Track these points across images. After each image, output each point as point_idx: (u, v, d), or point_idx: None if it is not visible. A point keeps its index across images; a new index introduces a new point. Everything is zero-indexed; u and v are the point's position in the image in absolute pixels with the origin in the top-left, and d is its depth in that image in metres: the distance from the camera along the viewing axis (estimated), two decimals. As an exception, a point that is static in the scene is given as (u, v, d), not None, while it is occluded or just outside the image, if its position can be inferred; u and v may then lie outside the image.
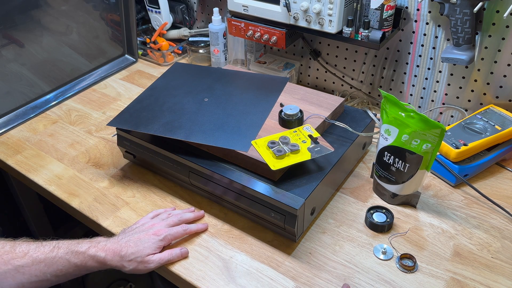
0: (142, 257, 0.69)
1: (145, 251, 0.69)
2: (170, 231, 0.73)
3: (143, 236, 0.71)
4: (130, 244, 0.69)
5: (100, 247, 0.68)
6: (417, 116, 0.73)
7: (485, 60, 0.93)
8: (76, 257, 0.66)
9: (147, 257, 0.70)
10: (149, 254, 0.70)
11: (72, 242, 0.68)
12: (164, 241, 0.72)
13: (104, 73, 1.28)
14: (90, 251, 0.67)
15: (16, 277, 0.63)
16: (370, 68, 1.10)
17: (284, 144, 0.77)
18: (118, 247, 0.69)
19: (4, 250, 0.63)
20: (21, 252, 0.64)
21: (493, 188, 0.87)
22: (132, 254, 0.69)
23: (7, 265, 0.62)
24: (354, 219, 0.81)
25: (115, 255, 0.68)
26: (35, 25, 1.10)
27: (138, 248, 0.69)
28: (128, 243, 0.69)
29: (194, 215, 0.80)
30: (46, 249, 0.66)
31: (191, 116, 0.85)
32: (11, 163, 0.97)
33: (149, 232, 0.72)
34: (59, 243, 0.67)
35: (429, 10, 0.94)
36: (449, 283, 0.69)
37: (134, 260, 0.69)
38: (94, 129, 1.07)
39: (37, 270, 0.64)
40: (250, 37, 1.09)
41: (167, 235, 0.73)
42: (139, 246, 0.69)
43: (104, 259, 0.67)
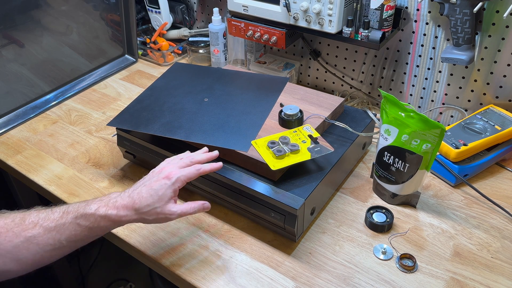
0: (160, 207, 0.64)
1: (161, 200, 0.64)
2: (182, 172, 0.67)
3: (154, 182, 0.66)
4: (143, 194, 0.64)
5: (111, 205, 0.63)
6: (417, 116, 0.73)
7: (485, 60, 0.93)
8: (87, 220, 0.62)
9: (167, 207, 0.65)
10: (166, 202, 0.65)
11: (81, 204, 0.64)
12: (177, 183, 0.66)
13: (104, 73, 1.28)
14: (100, 211, 0.63)
15: (30, 248, 0.61)
16: (370, 68, 1.10)
17: (284, 144, 0.77)
18: (130, 201, 0.64)
19: (14, 223, 0.62)
20: (31, 223, 0.61)
21: (493, 188, 0.87)
22: (147, 206, 0.64)
23: (19, 237, 0.60)
24: (354, 219, 0.81)
25: (129, 210, 0.63)
26: (35, 25, 1.10)
27: (152, 198, 0.64)
28: (140, 194, 0.64)
29: (206, 156, 0.73)
30: (56, 216, 0.62)
31: (191, 116, 0.85)
32: (11, 163, 0.97)
33: (159, 177, 0.66)
34: (68, 207, 0.64)
35: (429, 10, 0.94)
36: (449, 283, 0.69)
37: (152, 211, 0.64)
38: (94, 129, 1.07)
39: (50, 239, 0.61)
40: (250, 37, 1.09)
41: (180, 176, 0.66)
42: (152, 195, 0.64)
43: (117, 216, 0.63)
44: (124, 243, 0.78)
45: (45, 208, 0.65)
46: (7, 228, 0.61)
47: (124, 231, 0.79)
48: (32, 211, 0.64)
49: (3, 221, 0.62)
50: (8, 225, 0.61)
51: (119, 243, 0.80)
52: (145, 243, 0.77)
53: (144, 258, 0.77)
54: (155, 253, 0.75)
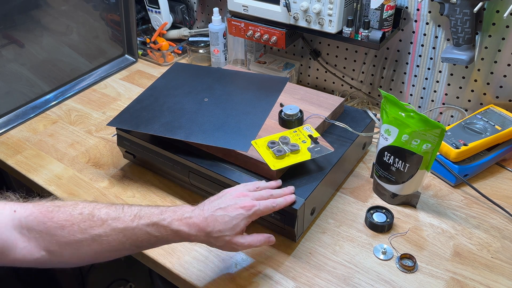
0: (230, 236, 0.63)
1: (233, 230, 0.63)
2: (259, 206, 0.66)
3: (230, 210, 0.64)
4: (217, 219, 0.63)
5: (185, 222, 0.62)
6: (417, 116, 0.73)
7: (485, 60, 0.93)
8: (158, 230, 0.61)
9: (236, 238, 0.64)
10: (237, 233, 0.64)
11: (155, 211, 0.62)
12: (253, 217, 0.65)
13: (104, 73, 1.28)
14: (173, 225, 0.61)
15: (93, 245, 0.59)
16: (370, 68, 1.10)
17: (284, 144, 0.77)
18: (203, 223, 0.62)
19: (82, 216, 0.59)
20: (99, 220, 0.59)
21: (493, 188, 0.87)
22: (219, 232, 0.63)
23: (84, 234, 0.58)
24: (354, 219, 0.81)
25: (200, 231, 0.62)
26: (35, 25, 1.10)
27: (226, 225, 0.63)
28: (214, 217, 0.63)
29: (283, 191, 0.71)
30: (127, 217, 0.61)
31: (191, 116, 0.85)
32: (11, 163, 0.97)
33: (237, 205, 0.65)
34: (141, 210, 0.62)
35: (429, 10, 0.94)
36: (449, 283, 0.69)
37: (221, 238, 0.63)
38: (94, 129, 1.07)
39: (115, 240, 0.60)
40: (250, 37, 1.09)
41: (257, 210, 0.65)
42: (227, 222, 0.63)
43: (188, 235, 0.62)
44: (124, 243, 0.78)
45: (116, 205, 0.63)
46: (73, 221, 0.59)
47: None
48: (102, 206, 0.62)
49: (69, 213, 0.60)
50: (75, 219, 0.59)
51: (119, 243, 0.80)
52: (145, 243, 0.77)
53: (144, 258, 0.77)
54: (155, 253, 0.75)
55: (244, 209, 0.64)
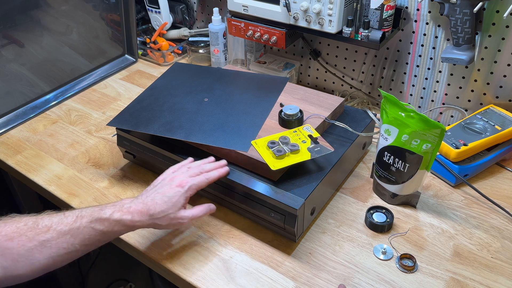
0: (174, 213, 0.68)
1: (175, 206, 0.68)
2: (193, 181, 0.71)
3: (167, 190, 0.69)
4: (157, 201, 0.67)
5: (125, 210, 0.65)
6: (417, 116, 0.73)
7: (485, 60, 0.93)
8: (101, 224, 0.64)
9: (179, 212, 0.68)
10: (179, 209, 0.68)
11: (95, 209, 0.65)
12: (189, 192, 0.70)
13: (104, 73, 1.28)
14: (115, 215, 0.65)
15: (44, 251, 0.61)
16: (370, 68, 1.10)
17: (284, 144, 0.77)
18: (144, 207, 0.66)
19: (27, 227, 0.62)
20: (45, 227, 0.62)
21: (493, 188, 0.87)
22: (162, 212, 0.67)
23: (32, 242, 0.60)
24: (354, 219, 0.81)
25: (143, 215, 0.66)
26: (35, 25, 1.10)
27: (166, 204, 0.67)
28: (154, 200, 0.67)
29: (214, 165, 0.76)
30: (69, 220, 0.63)
31: (191, 116, 0.85)
32: (11, 163, 0.97)
33: (172, 185, 0.70)
34: (82, 211, 0.65)
35: (429, 10, 0.94)
36: (449, 283, 0.69)
37: (166, 217, 0.67)
38: (94, 129, 1.07)
39: (64, 243, 0.62)
40: (250, 37, 1.09)
41: (192, 185, 0.70)
42: (167, 202, 0.67)
43: (131, 221, 0.65)
44: (124, 243, 0.78)
45: (57, 212, 0.65)
46: (20, 232, 0.61)
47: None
48: (44, 215, 0.65)
49: (15, 225, 0.62)
50: (21, 229, 0.61)
51: (119, 243, 0.80)
52: (145, 243, 0.77)
53: (144, 258, 0.77)
54: (155, 253, 0.75)
55: (180, 186, 0.69)
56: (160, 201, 0.67)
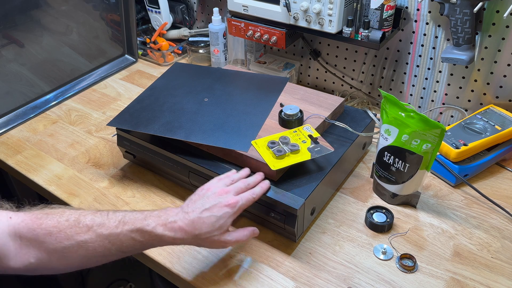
0: (218, 235, 0.64)
1: (221, 229, 0.64)
2: (241, 201, 0.67)
3: (216, 210, 0.64)
4: (204, 220, 0.63)
5: (169, 226, 0.62)
6: (417, 116, 0.73)
7: (485, 60, 0.93)
8: (142, 236, 0.61)
9: (224, 236, 0.65)
10: (225, 231, 0.65)
11: (139, 217, 0.63)
12: (237, 213, 0.66)
13: (104, 73, 1.28)
14: (157, 230, 0.61)
15: (79, 252, 0.60)
16: (370, 68, 1.10)
17: (284, 144, 0.77)
18: (189, 225, 0.63)
19: (68, 223, 0.60)
20: (85, 227, 0.60)
21: (493, 188, 0.87)
22: (207, 233, 0.63)
23: (70, 240, 0.59)
24: (354, 219, 0.81)
25: (187, 234, 0.63)
26: (35, 25, 1.10)
27: (213, 226, 0.63)
28: (201, 220, 0.63)
29: (257, 179, 0.73)
30: (111, 223, 0.61)
31: (191, 116, 0.85)
32: (11, 163, 0.97)
33: (221, 204, 0.65)
34: (125, 216, 0.62)
35: (429, 10, 0.94)
36: (449, 283, 0.69)
37: (210, 239, 0.64)
38: (94, 129, 1.07)
39: (100, 246, 0.60)
40: (250, 37, 1.09)
41: (241, 205, 0.66)
42: (214, 224, 0.63)
43: (173, 239, 0.62)
44: (124, 243, 0.78)
45: (101, 211, 0.64)
46: (60, 228, 0.60)
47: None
48: (88, 213, 0.63)
49: (56, 220, 0.61)
50: (62, 225, 0.60)
51: (119, 243, 0.80)
52: (145, 243, 0.77)
53: (144, 258, 0.77)
54: (155, 253, 0.75)
55: (229, 207, 0.65)
56: (207, 220, 0.63)
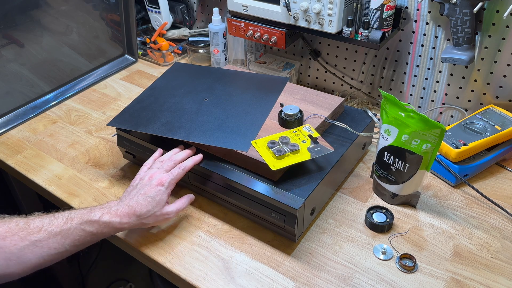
0: (159, 210, 0.71)
1: (159, 205, 0.71)
2: (171, 176, 0.74)
3: (148, 190, 0.72)
4: (141, 202, 0.70)
5: (113, 213, 0.68)
6: (417, 116, 0.73)
7: (485, 60, 0.93)
8: (91, 226, 0.67)
9: (164, 209, 0.72)
10: (163, 206, 0.72)
11: (84, 211, 0.68)
12: (170, 187, 0.74)
13: (104, 73, 1.28)
14: (104, 218, 0.67)
15: (35, 251, 0.63)
16: (370, 68, 1.10)
17: (284, 144, 0.77)
18: (131, 210, 0.69)
19: (18, 227, 0.64)
20: (36, 228, 0.64)
21: (493, 188, 0.87)
22: (148, 212, 0.70)
23: (24, 241, 0.63)
24: (354, 219, 0.81)
25: (131, 217, 0.69)
26: (35, 25, 1.10)
27: (151, 205, 0.70)
28: (138, 202, 0.70)
29: (185, 154, 0.79)
30: (60, 221, 0.66)
31: (191, 116, 0.85)
32: (11, 163, 0.97)
33: (152, 184, 0.72)
34: (72, 213, 0.67)
35: (429, 10, 0.94)
36: (449, 283, 0.69)
37: (152, 216, 0.71)
38: (94, 129, 1.07)
39: (54, 243, 0.64)
40: (250, 37, 1.09)
41: (171, 180, 0.73)
42: (150, 202, 0.70)
43: (120, 223, 0.68)
44: (124, 243, 0.78)
45: (46, 213, 0.68)
46: (12, 232, 0.63)
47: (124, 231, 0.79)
48: (34, 216, 0.67)
49: (6, 226, 0.64)
50: (13, 229, 0.64)
51: (119, 243, 0.80)
52: (145, 243, 0.77)
53: (144, 258, 0.77)
54: (155, 253, 0.75)
55: (160, 185, 0.72)
56: (144, 201, 0.70)
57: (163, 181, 0.73)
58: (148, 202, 0.70)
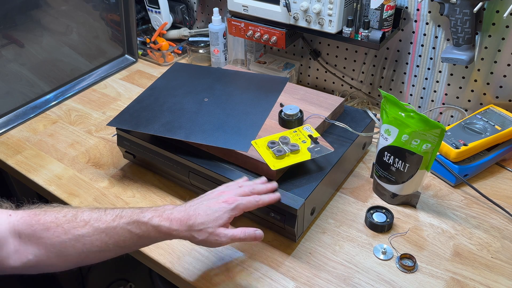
0: (213, 228, 0.63)
1: (216, 222, 0.63)
2: (242, 200, 0.66)
3: (212, 204, 0.65)
4: (199, 212, 0.63)
5: (165, 217, 0.62)
6: (417, 116, 0.73)
7: (485, 60, 0.93)
8: (138, 228, 0.61)
9: (219, 229, 0.63)
10: (220, 225, 0.63)
11: (136, 211, 0.63)
12: (235, 211, 0.65)
13: (104, 73, 1.28)
14: (153, 221, 0.61)
15: (77, 246, 0.60)
16: (370, 68, 1.10)
17: (284, 144, 0.77)
18: (185, 216, 0.63)
19: (65, 218, 0.61)
20: (82, 221, 0.61)
21: (493, 188, 0.87)
22: (201, 224, 0.62)
23: (67, 235, 0.60)
24: (354, 219, 0.81)
25: (182, 225, 0.62)
26: (35, 25, 1.10)
27: (208, 217, 0.63)
28: (196, 211, 0.63)
29: (266, 187, 0.71)
30: (108, 218, 0.62)
31: (191, 116, 0.85)
32: (11, 163, 0.97)
33: (219, 200, 0.65)
34: (123, 211, 0.63)
35: (429, 10, 0.94)
36: (449, 283, 0.69)
37: (204, 231, 0.62)
38: (94, 129, 1.07)
39: (98, 240, 0.60)
40: (250, 37, 1.09)
41: (239, 204, 0.65)
42: (209, 215, 0.63)
43: (168, 229, 0.62)
44: (124, 243, 0.78)
45: (99, 208, 0.64)
46: (58, 223, 0.60)
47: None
48: (86, 209, 0.63)
49: (54, 216, 0.61)
50: (59, 220, 0.61)
51: (119, 243, 0.80)
52: (145, 243, 0.77)
53: (144, 258, 0.77)
54: (155, 253, 0.75)
55: (226, 203, 0.65)
56: (202, 212, 0.63)
57: (230, 201, 0.65)
58: (206, 214, 0.63)
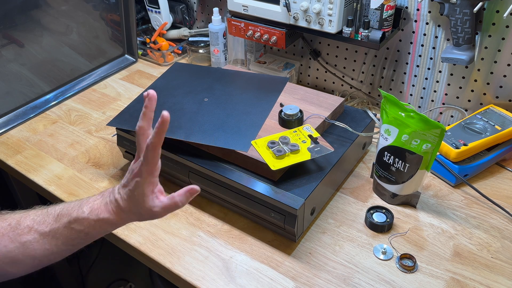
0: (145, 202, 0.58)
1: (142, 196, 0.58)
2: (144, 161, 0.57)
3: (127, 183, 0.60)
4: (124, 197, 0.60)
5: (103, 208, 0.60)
6: (417, 116, 0.73)
7: (485, 60, 0.93)
8: (81, 224, 0.59)
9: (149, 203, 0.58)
10: (148, 195, 0.58)
11: (74, 206, 0.60)
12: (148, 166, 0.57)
13: (104, 73, 1.28)
14: (92, 215, 0.59)
15: (26, 253, 0.59)
16: (370, 68, 1.10)
17: (284, 144, 0.77)
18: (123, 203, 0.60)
19: (10, 227, 0.59)
20: (26, 227, 0.59)
21: (493, 188, 0.87)
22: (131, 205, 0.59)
23: (14, 243, 0.58)
24: (354, 219, 0.81)
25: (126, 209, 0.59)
26: (35, 25, 1.10)
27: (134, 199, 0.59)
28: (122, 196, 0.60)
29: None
30: (50, 219, 0.59)
31: (191, 116, 0.85)
32: (11, 163, 0.97)
33: (129, 177, 0.60)
34: (63, 209, 0.60)
35: (429, 10, 0.94)
36: (449, 283, 0.69)
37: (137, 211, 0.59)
38: (94, 129, 1.07)
39: (46, 244, 0.59)
40: (250, 37, 1.09)
41: (144, 160, 0.57)
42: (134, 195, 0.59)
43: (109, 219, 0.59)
44: (124, 243, 0.78)
45: (43, 208, 0.62)
46: (3, 232, 0.59)
47: (124, 231, 0.79)
48: (31, 212, 0.62)
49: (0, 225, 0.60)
50: (4, 229, 0.59)
51: (119, 243, 0.80)
52: (145, 243, 0.77)
53: (144, 258, 0.77)
54: (155, 253, 0.75)
55: (136, 176, 0.59)
56: (126, 197, 0.60)
57: (137, 170, 0.59)
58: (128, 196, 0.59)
